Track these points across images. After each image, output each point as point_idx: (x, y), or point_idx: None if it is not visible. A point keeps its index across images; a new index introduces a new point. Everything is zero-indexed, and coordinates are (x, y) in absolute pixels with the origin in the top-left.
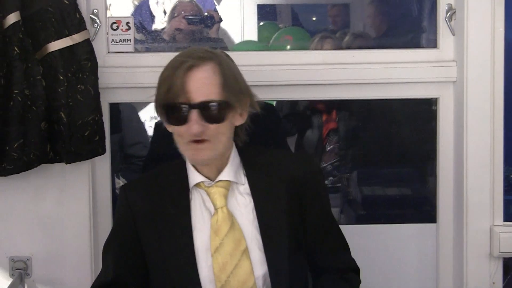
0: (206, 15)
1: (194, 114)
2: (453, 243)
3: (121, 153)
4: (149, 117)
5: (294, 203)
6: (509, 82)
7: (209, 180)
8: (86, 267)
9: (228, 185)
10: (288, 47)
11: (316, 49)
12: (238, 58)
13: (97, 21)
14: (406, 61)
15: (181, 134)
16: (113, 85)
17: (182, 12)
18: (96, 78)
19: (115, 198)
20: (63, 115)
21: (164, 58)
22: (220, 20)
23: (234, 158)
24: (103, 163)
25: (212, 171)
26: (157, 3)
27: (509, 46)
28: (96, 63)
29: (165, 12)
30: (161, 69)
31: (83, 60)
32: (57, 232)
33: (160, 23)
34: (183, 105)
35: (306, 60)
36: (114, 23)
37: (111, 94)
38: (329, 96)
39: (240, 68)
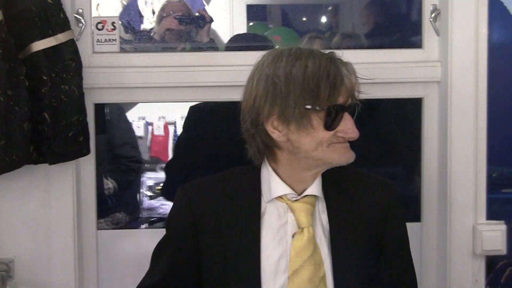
0: (197, 15)
1: (348, 116)
2: (436, 241)
3: (109, 153)
4: (136, 117)
5: (372, 233)
6: (493, 82)
7: (294, 194)
8: (70, 269)
9: (314, 202)
10: (277, 47)
11: None
12: (227, 58)
13: (82, 20)
14: (392, 61)
15: (325, 140)
16: (98, 86)
17: (171, 12)
18: (81, 78)
19: (100, 199)
20: (47, 116)
21: (151, 58)
22: (211, 20)
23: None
24: (87, 164)
25: (304, 184)
26: (145, 3)
27: (492, 47)
28: (81, 63)
29: (153, 12)
30: (147, 69)
31: (68, 60)
32: (41, 233)
33: (148, 23)
34: (341, 107)
35: None
36: (100, 23)
37: (96, 95)
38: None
39: (229, 68)
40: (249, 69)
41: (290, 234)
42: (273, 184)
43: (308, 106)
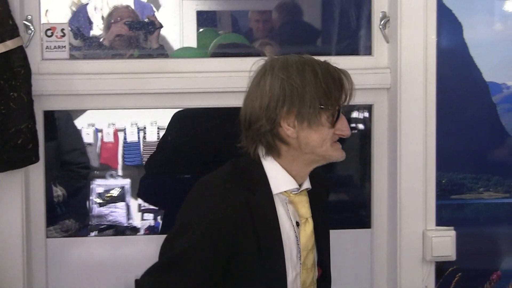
0: (147, 21)
1: (343, 116)
2: (387, 247)
3: (58, 160)
4: (86, 124)
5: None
6: (442, 89)
7: (297, 187)
8: (19, 278)
9: (307, 194)
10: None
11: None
12: (177, 65)
13: (31, 27)
14: (342, 67)
15: (329, 136)
16: (48, 93)
17: (118, 18)
18: (30, 85)
19: (49, 207)
20: None
21: (101, 65)
22: (161, 26)
23: None
24: (36, 172)
25: (303, 179)
26: (95, 9)
27: (441, 53)
28: (30, 70)
29: (103, 18)
30: (96, 76)
31: (16, 67)
32: None
33: (97, 29)
34: (341, 106)
35: (246, 67)
36: (49, 29)
37: (45, 102)
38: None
39: (178, 75)
40: (200, 75)
41: (295, 223)
42: (281, 179)
43: (322, 106)
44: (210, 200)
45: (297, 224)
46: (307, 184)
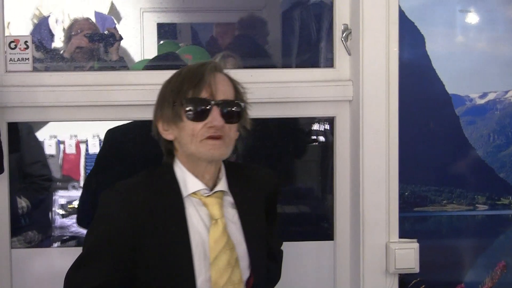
0: (107, 33)
1: (216, 110)
2: (350, 259)
3: (20, 172)
4: (48, 135)
5: (264, 211)
6: (404, 101)
7: (206, 188)
8: None
9: (222, 196)
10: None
11: None
12: (137, 77)
13: None
14: (304, 80)
15: (196, 132)
16: (12, 104)
17: (79, 31)
18: None
19: (13, 218)
20: None
21: (63, 77)
22: (121, 38)
23: (224, 170)
24: (1, 183)
25: (212, 180)
26: (56, 21)
27: (403, 66)
28: None
29: (64, 30)
30: (60, 88)
31: None
32: None
33: (59, 41)
34: (208, 101)
35: None
36: (12, 41)
37: (9, 113)
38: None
39: (139, 87)
40: (160, 87)
41: (207, 225)
42: (188, 181)
43: (175, 103)
44: (109, 208)
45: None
46: (221, 187)
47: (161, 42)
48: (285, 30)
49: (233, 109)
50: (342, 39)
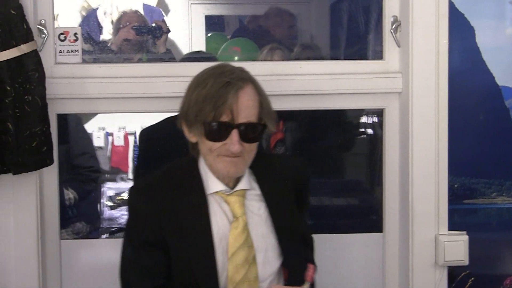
0: (154, 26)
1: (235, 133)
2: (399, 252)
3: (68, 164)
4: (97, 127)
5: (296, 201)
6: (453, 93)
7: (228, 189)
8: (34, 279)
9: (244, 194)
10: (236, 58)
11: (265, 60)
12: (185, 68)
13: (45, 31)
14: (353, 72)
15: (213, 148)
16: (61, 96)
17: (128, 23)
18: (44, 88)
19: (63, 209)
20: (10, 126)
21: (112, 69)
22: (168, 30)
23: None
24: (51, 174)
25: (232, 180)
26: (104, 13)
27: (453, 58)
28: (44, 73)
29: (112, 23)
30: (108, 80)
31: (31, 70)
32: (4, 244)
33: (107, 33)
34: (228, 124)
35: (254, 72)
36: (62, 33)
37: (59, 105)
38: (277, 107)
39: (187, 79)
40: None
41: (230, 221)
42: (209, 181)
43: (197, 117)
44: (135, 209)
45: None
46: (242, 185)
47: (209, 34)
48: (333, 22)
49: (253, 132)
50: (392, 31)
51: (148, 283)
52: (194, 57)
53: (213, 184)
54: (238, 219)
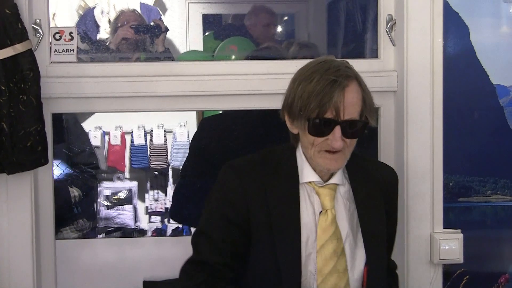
0: (153, 25)
1: (338, 130)
2: (394, 249)
3: (68, 162)
4: (93, 127)
5: (384, 204)
6: (448, 92)
7: (321, 181)
8: (29, 278)
9: (336, 188)
10: (233, 57)
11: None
12: (183, 68)
13: (40, 31)
14: None
15: (316, 143)
16: (56, 95)
17: (125, 22)
18: (39, 88)
19: (58, 209)
20: (5, 126)
21: (107, 68)
22: (167, 29)
23: None
24: (45, 173)
25: (328, 173)
26: (101, 12)
27: (447, 56)
28: (39, 73)
29: (110, 22)
30: (104, 79)
31: (26, 70)
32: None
33: (104, 33)
34: (332, 121)
35: (251, 70)
36: (57, 33)
37: (54, 104)
38: (274, 106)
39: (185, 78)
40: (205, 78)
41: (317, 212)
42: (305, 171)
43: (301, 112)
44: (224, 184)
45: (320, 213)
46: (335, 180)
47: (207, 33)
48: (330, 21)
49: (356, 129)
50: (387, 29)
51: (215, 257)
52: (190, 57)
53: (307, 174)
54: (327, 211)
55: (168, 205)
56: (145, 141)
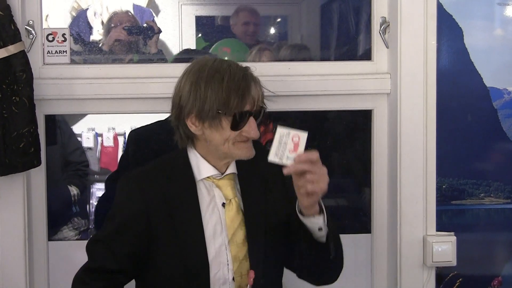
0: (146, 26)
1: (252, 120)
2: (387, 252)
3: (62, 161)
4: (86, 128)
5: (277, 190)
6: (442, 94)
7: (218, 173)
8: (21, 280)
9: (234, 177)
10: (226, 58)
11: (253, 61)
12: (176, 69)
13: (33, 32)
14: (341, 73)
15: (231, 138)
16: (49, 97)
17: (118, 24)
18: (32, 89)
19: (50, 210)
20: None
21: (100, 70)
22: (160, 31)
23: None
24: (38, 175)
25: (225, 165)
26: (94, 14)
27: (441, 59)
28: (32, 74)
29: (103, 23)
30: (97, 81)
31: (18, 71)
32: None
33: (98, 34)
34: (251, 112)
35: None
36: (50, 34)
37: (46, 106)
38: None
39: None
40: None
41: (220, 205)
42: (201, 167)
43: (220, 111)
44: (124, 194)
45: (223, 204)
46: (231, 169)
47: (199, 34)
48: (323, 23)
49: (262, 115)
50: (380, 32)
51: (111, 263)
52: (183, 57)
53: (205, 170)
54: (231, 200)
55: None
56: None
